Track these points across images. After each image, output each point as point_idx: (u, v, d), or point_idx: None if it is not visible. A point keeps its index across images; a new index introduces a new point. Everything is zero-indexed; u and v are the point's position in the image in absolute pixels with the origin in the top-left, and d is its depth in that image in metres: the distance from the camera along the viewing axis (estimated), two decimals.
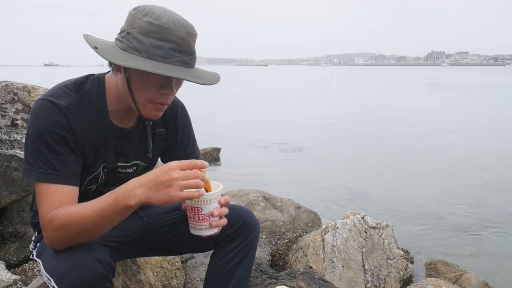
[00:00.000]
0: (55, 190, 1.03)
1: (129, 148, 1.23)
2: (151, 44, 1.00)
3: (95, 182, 1.20)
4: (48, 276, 1.00)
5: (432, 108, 14.88)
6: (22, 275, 2.24)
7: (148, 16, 1.01)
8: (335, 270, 2.54)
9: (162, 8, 1.05)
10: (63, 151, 1.05)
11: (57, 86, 1.12)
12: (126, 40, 1.03)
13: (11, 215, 2.49)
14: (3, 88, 2.35)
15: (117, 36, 1.08)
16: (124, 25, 1.07)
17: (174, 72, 1.00)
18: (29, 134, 1.05)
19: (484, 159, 6.69)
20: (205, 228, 1.07)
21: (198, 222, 1.07)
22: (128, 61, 0.99)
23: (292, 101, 18.84)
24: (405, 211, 4.39)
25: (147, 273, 1.74)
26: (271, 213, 3.14)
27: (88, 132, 1.11)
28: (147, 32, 1.00)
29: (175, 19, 1.03)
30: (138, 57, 1.01)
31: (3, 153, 2.20)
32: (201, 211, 1.05)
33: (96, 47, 1.03)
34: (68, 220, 0.98)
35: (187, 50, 1.04)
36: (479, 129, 10.02)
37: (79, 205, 1.01)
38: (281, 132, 9.60)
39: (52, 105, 1.05)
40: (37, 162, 1.03)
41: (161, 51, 1.01)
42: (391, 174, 5.91)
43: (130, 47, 1.02)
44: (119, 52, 1.03)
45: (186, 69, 1.04)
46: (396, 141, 8.43)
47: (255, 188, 3.51)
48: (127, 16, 1.07)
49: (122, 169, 1.24)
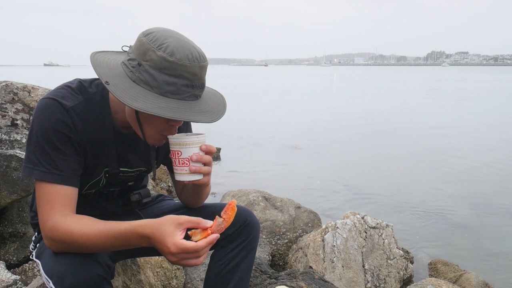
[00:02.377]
0: (56, 191, 1.03)
1: (133, 154, 1.23)
2: (164, 81, 0.98)
3: (95, 186, 1.21)
4: (47, 278, 1.00)
5: (432, 108, 14.88)
6: (22, 275, 2.24)
7: (162, 50, 0.98)
8: (335, 270, 2.54)
9: (174, 38, 1.01)
10: (68, 151, 1.05)
11: (62, 86, 1.11)
12: (137, 72, 1.00)
13: (11, 215, 2.49)
14: (3, 88, 2.35)
15: (126, 61, 1.04)
16: (135, 52, 1.02)
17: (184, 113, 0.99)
18: (33, 133, 1.03)
19: (484, 159, 6.68)
20: (185, 173, 1.09)
21: (178, 166, 1.09)
22: (139, 102, 0.96)
23: (292, 101, 18.83)
24: (405, 211, 4.39)
25: (147, 273, 1.74)
26: (271, 213, 3.14)
27: (91, 135, 1.10)
28: (160, 68, 0.98)
29: (189, 52, 1.00)
30: (150, 93, 0.99)
31: (3, 153, 2.20)
32: (180, 155, 1.07)
33: (108, 82, 1.00)
34: (69, 237, 0.98)
35: (199, 84, 1.04)
36: (479, 129, 10.02)
37: (83, 223, 1.00)
38: (281, 132, 9.60)
39: (58, 105, 1.04)
40: (40, 161, 1.02)
41: (173, 88, 0.99)
42: (391, 174, 5.90)
43: (142, 80, 1.00)
44: (130, 86, 1.00)
45: (195, 102, 1.04)
46: (396, 141, 8.43)
47: (255, 188, 3.51)
48: (138, 43, 1.02)
49: (124, 174, 1.24)
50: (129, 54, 1.04)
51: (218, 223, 0.97)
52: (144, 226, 0.95)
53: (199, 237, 0.95)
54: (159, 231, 0.93)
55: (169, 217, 0.96)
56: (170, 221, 0.94)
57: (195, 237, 0.95)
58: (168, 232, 0.93)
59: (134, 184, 1.35)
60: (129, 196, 1.34)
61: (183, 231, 0.96)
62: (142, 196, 1.37)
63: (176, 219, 0.94)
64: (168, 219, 0.95)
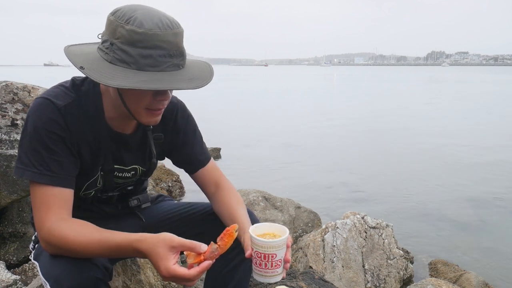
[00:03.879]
0: (51, 193, 1.01)
1: (127, 153, 1.21)
2: (139, 54, 0.94)
3: (93, 186, 1.19)
4: (44, 280, 0.99)
5: (432, 108, 14.88)
6: (22, 275, 2.24)
7: (130, 23, 0.94)
8: (335, 270, 2.54)
9: (142, 9, 0.98)
10: (60, 151, 1.03)
11: (55, 86, 1.10)
12: (112, 52, 0.96)
13: (11, 215, 2.49)
14: (3, 88, 2.35)
15: (100, 45, 1.01)
16: (105, 33, 0.99)
17: (167, 83, 0.96)
18: (26, 133, 1.02)
19: (484, 159, 6.68)
20: (278, 274, 1.03)
21: (270, 269, 1.01)
22: (118, 80, 0.93)
23: (293, 101, 18.83)
24: (405, 211, 4.39)
25: (147, 273, 1.74)
26: (271, 213, 3.14)
27: (85, 134, 1.09)
28: (132, 42, 0.94)
29: (159, 21, 0.96)
30: (128, 70, 0.95)
31: (3, 153, 2.20)
32: (275, 257, 1.00)
33: (82, 67, 0.96)
34: (65, 244, 0.97)
35: (177, 52, 0.99)
36: (479, 129, 10.02)
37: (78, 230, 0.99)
38: (281, 132, 9.60)
39: (51, 104, 1.03)
40: (31, 162, 1.00)
41: (150, 60, 0.95)
42: (391, 174, 5.90)
43: (117, 59, 0.96)
44: (107, 67, 0.96)
45: (178, 71, 1.00)
46: (397, 141, 8.43)
47: (255, 188, 3.51)
48: (106, 23, 0.99)
49: (120, 172, 1.22)
50: (102, 37, 1.01)
51: (213, 249, 0.94)
52: (140, 243, 0.95)
53: (193, 260, 0.95)
54: (153, 251, 0.93)
55: (164, 239, 0.95)
56: (164, 243, 0.94)
57: (190, 259, 0.95)
58: (161, 255, 0.92)
59: (133, 188, 1.34)
60: (128, 201, 1.33)
61: (177, 254, 0.96)
62: (141, 201, 1.36)
63: (170, 242, 0.94)
64: (163, 240, 0.94)
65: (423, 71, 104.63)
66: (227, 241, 0.96)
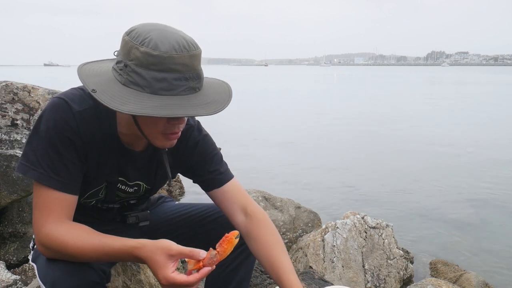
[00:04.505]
0: (56, 197, 0.99)
1: (133, 168, 1.17)
2: (153, 78, 0.90)
3: (95, 196, 1.16)
4: (41, 283, 0.99)
5: (432, 108, 14.88)
6: (22, 275, 2.24)
7: (145, 45, 0.90)
8: (335, 270, 2.54)
9: (158, 31, 0.93)
10: (69, 156, 1.00)
11: (75, 88, 1.07)
12: (125, 74, 0.93)
13: (11, 215, 2.49)
14: (3, 88, 2.35)
15: (114, 65, 0.98)
16: (120, 54, 0.96)
17: (182, 108, 0.91)
18: (37, 131, 0.99)
19: (484, 159, 6.69)
20: None
21: None
22: (130, 105, 0.89)
23: (293, 101, 18.83)
24: (405, 211, 4.39)
25: (147, 273, 1.74)
26: (271, 213, 3.14)
27: (95, 143, 1.05)
28: (146, 64, 0.90)
29: (175, 42, 0.91)
30: (141, 93, 0.91)
31: (3, 153, 2.20)
32: None
33: (94, 90, 0.92)
34: (63, 248, 0.96)
35: (194, 75, 0.94)
36: (479, 129, 10.02)
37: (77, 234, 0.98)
38: (281, 132, 9.60)
39: (67, 106, 1.00)
40: (39, 162, 0.98)
41: (165, 84, 0.91)
42: (391, 174, 5.90)
43: (131, 82, 0.92)
44: (119, 90, 0.93)
45: (194, 95, 0.95)
46: (397, 141, 8.43)
47: (255, 188, 3.51)
48: (122, 43, 0.96)
49: (123, 185, 1.19)
50: (117, 57, 0.98)
51: (211, 256, 0.93)
52: (139, 250, 0.94)
53: (192, 266, 0.94)
54: (152, 259, 0.93)
55: (162, 246, 0.94)
56: (162, 251, 0.93)
57: (190, 265, 0.95)
58: (160, 263, 0.92)
59: (136, 202, 1.30)
60: (126, 217, 1.30)
61: (176, 261, 0.95)
62: (139, 219, 1.31)
63: (168, 250, 0.93)
64: (161, 248, 0.94)
65: (423, 71, 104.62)
66: (226, 247, 0.95)
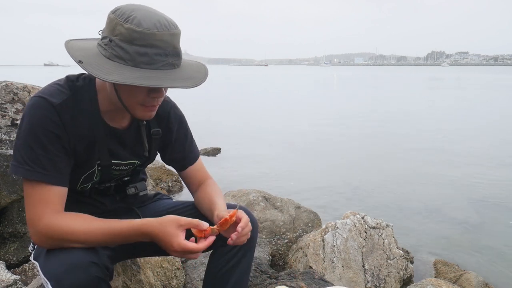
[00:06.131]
0: (47, 189, 1.03)
1: (124, 148, 1.23)
2: (136, 52, 0.99)
3: (90, 180, 1.21)
4: (45, 279, 1.00)
5: (432, 108, 14.88)
6: (22, 275, 2.24)
7: (129, 22, 0.99)
8: (335, 270, 2.54)
9: (142, 10, 1.02)
10: (55, 150, 1.05)
11: (50, 84, 1.12)
12: (110, 48, 1.01)
13: (11, 215, 2.49)
14: (3, 88, 2.35)
15: (99, 41, 1.05)
16: (105, 30, 1.04)
17: (161, 80, 0.99)
18: (21, 131, 1.05)
19: (484, 159, 6.68)
20: None
21: None
22: (114, 75, 0.97)
23: (293, 101, 18.83)
24: (405, 211, 4.39)
25: (147, 273, 1.74)
26: (271, 213, 3.14)
27: (81, 130, 1.11)
28: (130, 40, 0.98)
29: (157, 21, 1.00)
30: (124, 66, 0.99)
31: (3, 153, 2.20)
32: None
33: (81, 61, 1.01)
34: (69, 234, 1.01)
35: (173, 52, 1.03)
36: (479, 128, 10.02)
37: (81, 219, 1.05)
38: (281, 132, 9.60)
39: (46, 103, 1.05)
40: (25, 159, 1.02)
41: (146, 58, 0.99)
42: (392, 174, 5.90)
43: (115, 55, 1.00)
44: (104, 63, 1.00)
45: (172, 71, 1.04)
46: (397, 141, 8.43)
47: (255, 188, 3.51)
48: (107, 20, 1.04)
49: (117, 166, 1.24)
50: (102, 34, 1.05)
51: (213, 232, 1.10)
52: (147, 225, 1.03)
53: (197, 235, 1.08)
54: (162, 231, 1.02)
55: (171, 218, 1.04)
56: (172, 222, 1.03)
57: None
58: (171, 233, 1.02)
59: (130, 179, 1.36)
60: (125, 190, 1.34)
61: (184, 231, 1.04)
62: (138, 189, 1.37)
63: (177, 221, 1.03)
64: (170, 220, 1.03)
65: (423, 71, 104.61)
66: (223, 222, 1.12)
